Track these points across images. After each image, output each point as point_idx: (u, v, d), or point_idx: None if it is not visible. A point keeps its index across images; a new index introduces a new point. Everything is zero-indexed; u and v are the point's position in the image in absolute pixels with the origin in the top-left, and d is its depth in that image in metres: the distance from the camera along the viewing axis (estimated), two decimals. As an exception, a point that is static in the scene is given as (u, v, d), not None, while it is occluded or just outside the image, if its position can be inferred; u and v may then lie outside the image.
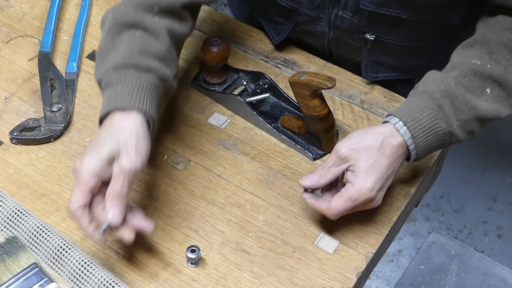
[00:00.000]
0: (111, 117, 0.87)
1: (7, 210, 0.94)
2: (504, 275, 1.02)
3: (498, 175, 2.31)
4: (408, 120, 0.90)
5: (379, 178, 0.88)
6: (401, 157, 0.90)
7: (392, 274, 2.06)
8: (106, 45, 0.93)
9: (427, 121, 0.90)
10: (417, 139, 0.90)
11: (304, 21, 1.14)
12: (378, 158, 0.88)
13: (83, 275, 0.87)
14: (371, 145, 0.89)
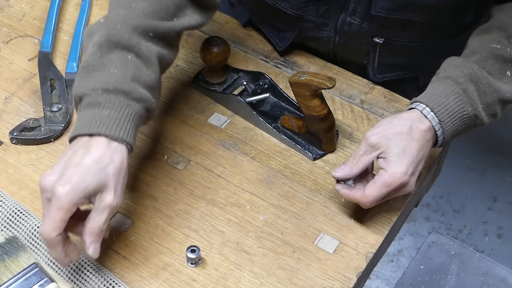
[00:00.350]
0: (97, 141, 0.82)
1: (7, 210, 0.94)
2: (504, 275, 1.02)
3: (498, 175, 2.31)
4: (435, 105, 0.91)
5: (411, 162, 0.89)
6: (430, 141, 0.92)
7: (392, 274, 2.06)
8: (95, 60, 0.87)
9: (453, 105, 0.91)
10: (444, 124, 0.91)
11: (309, 27, 1.13)
12: (408, 142, 0.89)
13: (83, 275, 0.87)
14: (400, 130, 0.90)
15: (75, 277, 0.88)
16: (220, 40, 1.06)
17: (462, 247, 1.05)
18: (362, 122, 1.08)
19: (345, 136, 1.06)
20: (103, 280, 0.87)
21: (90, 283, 0.87)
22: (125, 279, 0.89)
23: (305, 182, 1.00)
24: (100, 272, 0.88)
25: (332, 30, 1.11)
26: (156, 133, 1.06)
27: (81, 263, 0.88)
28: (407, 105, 1.11)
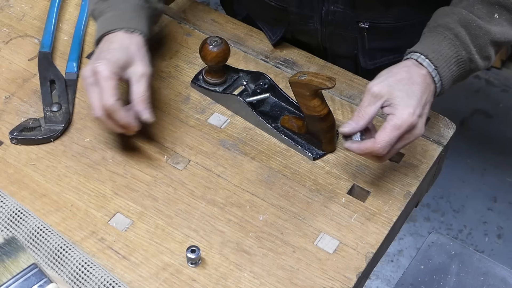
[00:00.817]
0: (114, 35, 0.98)
1: (7, 210, 0.94)
2: (504, 275, 1.02)
3: (498, 175, 2.31)
4: (430, 52, 0.92)
5: (417, 104, 0.90)
6: (431, 85, 0.93)
7: (392, 274, 2.06)
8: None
9: (447, 51, 0.93)
10: (440, 69, 0.93)
11: (295, 19, 1.15)
12: (410, 86, 0.91)
13: (83, 275, 0.87)
14: (400, 77, 0.92)
15: (75, 277, 0.88)
16: (220, 40, 1.06)
17: (462, 247, 1.05)
18: (362, 122, 1.08)
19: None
20: (103, 280, 0.87)
21: (90, 283, 0.87)
22: (125, 279, 0.89)
23: (305, 182, 1.00)
24: (100, 272, 0.88)
25: (318, 22, 1.13)
26: (156, 133, 1.06)
27: (81, 263, 0.88)
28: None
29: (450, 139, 1.07)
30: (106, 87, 0.93)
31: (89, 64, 0.96)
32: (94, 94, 0.94)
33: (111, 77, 0.94)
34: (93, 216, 0.96)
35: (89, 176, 1.00)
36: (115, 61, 0.95)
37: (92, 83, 0.94)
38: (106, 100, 0.93)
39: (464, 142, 2.40)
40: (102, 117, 0.95)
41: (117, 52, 0.96)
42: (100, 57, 0.96)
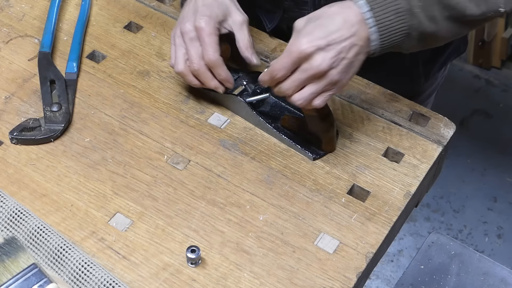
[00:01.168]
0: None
1: (7, 210, 0.94)
2: (504, 275, 1.02)
3: (498, 175, 2.31)
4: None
5: (322, 36, 0.87)
6: (361, 28, 0.88)
7: (392, 274, 2.06)
8: None
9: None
10: (375, 12, 0.88)
11: (290, 6, 1.15)
12: (325, 20, 0.88)
13: (83, 275, 0.87)
14: (326, 12, 0.89)
15: (75, 277, 0.88)
16: (220, 40, 1.06)
17: (462, 247, 1.05)
18: (362, 122, 1.08)
19: (345, 136, 1.06)
20: (103, 280, 0.87)
21: (90, 283, 0.87)
22: (125, 279, 0.89)
23: (305, 182, 1.00)
24: (100, 272, 0.88)
25: (312, 8, 1.12)
26: (156, 133, 1.06)
27: (81, 263, 0.88)
28: (407, 105, 1.11)
29: (450, 139, 1.07)
30: (210, 42, 0.99)
31: (187, 20, 1.00)
32: (194, 48, 1.00)
33: (214, 32, 0.99)
34: (93, 216, 0.96)
35: (89, 176, 1.00)
36: (215, 17, 1.00)
37: (192, 37, 1.00)
38: (210, 54, 0.99)
39: (464, 142, 2.41)
40: (201, 70, 1.01)
41: (215, 7, 1.01)
42: (200, 13, 1.00)
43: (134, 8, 1.25)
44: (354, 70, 0.92)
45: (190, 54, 1.01)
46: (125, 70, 1.15)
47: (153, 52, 1.18)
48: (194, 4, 1.03)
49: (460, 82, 2.66)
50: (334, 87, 0.92)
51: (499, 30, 2.68)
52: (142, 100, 1.11)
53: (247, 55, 1.04)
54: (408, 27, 0.90)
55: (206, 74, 1.02)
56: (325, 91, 0.92)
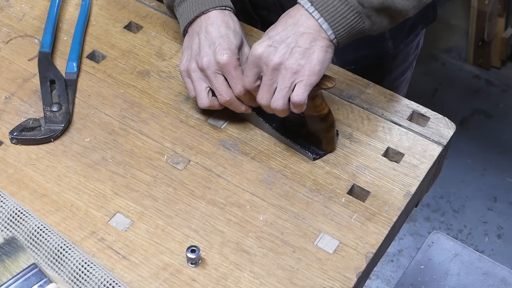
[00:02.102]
0: (212, 15, 1.01)
1: (7, 210, 0.94)
2: (504, 275, 1.02)
3: (498, 175, 2.31)
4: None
5: (269, 37, 0.94)
6: (301, 21, 0.93)
7: (392, 274, 2.06)
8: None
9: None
10: (316, 4, 0.92)
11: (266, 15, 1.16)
12: (274, 25, 0.95)
13: (83, 275, 0.87)
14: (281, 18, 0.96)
15: (75, 277, 0.88)
16: None
17: (462, 247, 1.05)
18: (362, 122, 1.08)
19: (345, 136, 1.06)
20: (103, 280, 0.87)
21: (90, 283, 0.87)
22: (125, 279, 0.89)
23: (305, 182, 1.00)
24: (100, 272, 0.88)
25: None
26: (156, 133, 1.06)
27: (81, 263, 0.88)
28: (407, 105, 1.11)
29: (450, 139, 1.07)
30: (238, 75, 0.99)
31: (204, 55, 0.99)
32: (220, 81, 1.00)
33: (238, 64, 0.99)
34: (93, 216, 0.96)
35: (89, 176, 1.00)
36: (234, 49, 0.99)
37: (215, 72, 1.00)
38: (241, 87, 0.99)
39: (464, 142, 2.41)
40: (232, 100, 1.01)
41: (232, 37, 1.00)
42: (220, 46, 0.99)
43: (134, 8, 1.25)
44: (316, 56, 0.93)
45: (217, 87, 1.01)
46: (125, 70, 1.15)
47: (153, 52, 1.18)
48: (206, 35, 1.01)
49: (460, 82, 2.67)
50: (302, 76, 0.93)
51: (499, 30, 2.68)
52: (142, 100, 1.11)
53: None
54: (354, 7, 0.93)
55: (237, 103, 1.02)
56: (296, 84, 0.93)
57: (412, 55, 1.38)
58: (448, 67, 2.72)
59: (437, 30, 2.81)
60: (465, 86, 2.65)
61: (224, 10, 1.03)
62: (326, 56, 0.94)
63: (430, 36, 2.67)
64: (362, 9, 0.93)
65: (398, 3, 0.94)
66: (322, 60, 0.93)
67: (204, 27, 1.01)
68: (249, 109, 1.05)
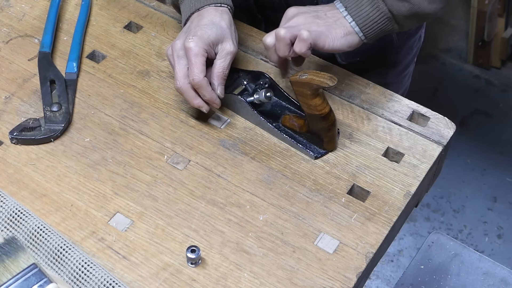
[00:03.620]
0: (204, 11, 1.03)
1: (7, 210, 0.94)
2: (504, 275, 1.02)
3: (498, 175, 2.31)
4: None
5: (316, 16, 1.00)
6: (337, 16, 0.99)
7: (392, 274, 2.06)
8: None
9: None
10: (350, 9, 0.97)
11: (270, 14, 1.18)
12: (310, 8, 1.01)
13: (83, 275, 0.87)
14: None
15: (75, 277, 0.88)
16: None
17: (462, 247, 1.05)
18: (362, 122, 1.08)
19: (345, 136, 1.06)
20: (103, 280, 0.87)
21: (90, 283, 0.87)
22: (125, 279, 0.89)
23: (305, 182, 1.00)
24: (100, 272, 0.88)
25: None
26: (156, 133, 1.06)
27: (81, 263, 0.88)
28: (407, 105, 1.11)
29: (450, 139, 1.07)
30: (196, 63, 0.98)
31: (179, 38, 1.01)
32: (180, 66, 1.00)
33: (201, 53, 0.99)
34: (93, 216, 0.96)
35: (89, 176, 1.00)
36: (206, 38, 0.99)
37: (181, 56, 1.00)
38: (195, 75, 0.99)
39: (464, 142, 2.41)
40: (183, 88, 1.00)
41: (208, 28, 1.00)
42: (191, 33, 1.00)
43: (134, 8, 1.25)
44: (331, 23, 0.98)
45: (176, 71, 1.01)
46: (125, 70, 1.15)
47: (153, 52, 1.18)
48: (190, 23, 1.04)
49: (460, 82, 2.67)
50: (316, 24, 0.98)
51: (499, 30, 2.68)
52: (142, 100, 1.11)
53: (214, 82, 1.02)
54: (384, 13, 0.97)
55: (189, 92, 1.01)
56: (307, 26, 0.98)
57: (415, 48, 1.39)
58: (448, 67, 2.72)
59: (437, 30, 2.81)
60: (465, 86, 2.65)
61: (218, 7, 1.04)
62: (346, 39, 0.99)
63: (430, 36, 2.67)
64: (392, 15, 0.97)
65: (426, 8, 0.97)
66: (337, 32, 0.98)
67: (193, 18, 1.04)
68: (204, 107, 1.03)
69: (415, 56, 1.41)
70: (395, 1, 0.96)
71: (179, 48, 1.00)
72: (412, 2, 0.97)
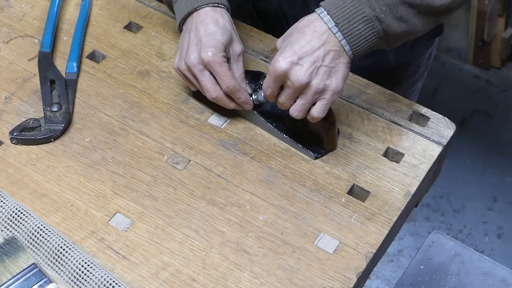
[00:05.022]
0: (203, 12, 1.02)
1: (7, 210, 0.94)
2: (504, 275, 1.02)
3: (498, 175, 2.31)
4: (331, 8, 0.92)
5: (295, 52, 0.92)
6: (330, 41, 0.92)
7: (392, 274, 2.07)
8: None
9: (349, 7, 0.92)
10: (341, 26, 0.92)
11: None
12: (296, 36, 0.93)
13: (83, 275, 0.87)
14: (298, 27, 0.94)
15: (75, 277, 0.88)
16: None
17: (462, 247, 1.05)
18: (362, 122, 1.08)
19: (345, 136, 1.06)
20: (103, 280, 0.87)
21: (90, 283, 0.87)
22: (125, 279, 0.89)
23: (305, 182, 1.01)
24: (100, 272, 0.88)
25: None
26: (156, 133, 1.06)
27: (81, 263, 0.88)
28: (407, 105, 1.11)
29: (450, 139, 1.07)
30: (224, 71, 0.99)
31: (192, 52, 1.00)
32: (206, 78, 1.01)
33: (223, 61, 0.99)
34: (93, 216, 0.96)
35: (89, 176, 1.00)
36: (220, 46, 0.99)
37: (201, 69, 1.00)
38: (228, 82, 1.00)
39: (464, 142, 2.41)
40: (219, 97, 1.02)
41: (218, 35, 1.00)
42: (205, 44, 0.99)
43: (134, 8, 1.25)
44: (340, 74, 0.94)
45: (203, 85, 1.01)
46: (125, 70, 1.15)
47: (153, 52, 1.18)
48: (195, 33, 1.02)
49: (460, 82, 2.67)
50: (325, 95, 0.94)
51: (499, 30, 2.68)
52: (142, 100, 1.11)
53: (242, 86, 1.04)
54: (377, 32, 0.93)
55: (224, 99, 1.03)
56: (318, 100, 0.95)
57: (423, 66, 1.38)
58: (448, 67, 2.72)
59: (437, 30, 2.80)
60: (465, 86, 2.65)
61: (216, 7, 1.03)
62: (348, 71, 0.95)
63: (430, 36, 2.67)
64: (385, 34, 0.94)
65: (420, 30, 0.95)
66: (345, 76, 0.95)
67: (194, 24, 1.02)
68: (238, 106, 1.05)
69: (423, 73, 1.40)
70: (394, 21, 0.93)
71: (197, 63, 1.00)
72: (410, 23, 0.94)
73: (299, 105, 0.95)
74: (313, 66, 0.92)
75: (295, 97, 0.96)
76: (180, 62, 1.03)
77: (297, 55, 0.92)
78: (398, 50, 1.26)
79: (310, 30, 0.93)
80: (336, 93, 0.94)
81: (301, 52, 0.92)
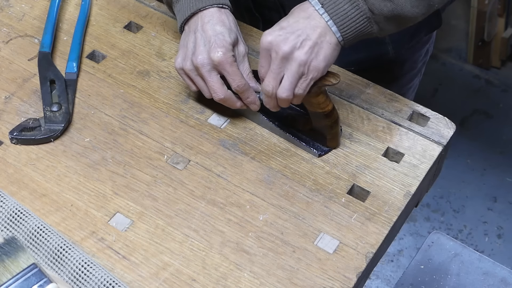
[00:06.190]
0: (208, 13, 1.02)
1: (7, 210, 0.94)
2: (504, 275, 1.02)
3: (498, 175, 2.31)
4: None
5: (280, 27, 0.94)
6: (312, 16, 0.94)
7: (392, 274, 2.07)
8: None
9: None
10: (327, 6, 0.93)
11: None
12: (284, 18, 0.95)
13: (83, 275, 0.87)
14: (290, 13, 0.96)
15: (75, 277, 0.88)
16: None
17: (462, 247, 1.05)
18: (362, 122, 1.08)
19: (345, 136, 1.06)
20: (103, 280, 0.87)
21: (90, 283, 0.87)
22: (125, 279, 0.89)
23: (305, 182, 1.01)
24: (100, 272, 0.88)
25: None
26: (156, 133, 1.06)
27: (81, 263, 0.88)
28: (407, 105, 1.11)
29: (450, 139, 1.07)
30: (234, 71, 1.00)
31: (200, 53, 1.00)
32: (213, 78, 1.01)
33: (233, 60, 1.00)
34: (93, 216, 0.96)
35: (89, 176, 1.00)
36: (228, 46, 1.00)
37: (209, 69, 1.00)
38: (239, 81, 1.00)
39: (464, 142, 2.41)
40: (226, 97, 1.02)
41: (226, 35, 1.00)
42: (214, 44, 0.99)
43: (134, 8, 1.25)
44: (324, 52, 0.94)
45: (211, 85, 1.01)
46: (125, 70, 1.15)
47: (153, 52, 1.18)
48: (202, 33, 1.01)
49: (460, 82, 2.67)
50: (309, 71, 0.94)
51: (499, 30, 2.68)
52: (142, 100, 1.11)
53: (253, 85, 1.04)
54: (364, 12, 0.93)
55: (232, 99, 1.03)
56: (302, 77, 0.94)
57: (420, 63, 1.38)
58: (448, 67, 2.72)
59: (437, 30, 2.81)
60: (465, 86, 2.65)
61: (221, 8, 1.03)
62: (333, 53, 0.95)
63: (430, 36, 2.67)
64: (372, 15, 0.94)
65: (408, 11, 0.95)
66: (329, 58, 0.94)
67: (200, 25, 1.02)
68: (244, 105, 1.05)
69: (420, 70, 1.40)
70: (380, 1, 0.93)
71: (206, 63, 1.00)
72: (395, 2, 0.94)
73: (285, 82, 0.95)
74: (298, 38, 0.93)
75: (280, 76, 0.95)
76: (185, 62, 1.02)
77: (283, 29, 0.93)
78: (396, 42, 1.26)
79: (298, 11, 0.95)
80: (316, 70, 0.94)
81: (288, 28, 0.93)
